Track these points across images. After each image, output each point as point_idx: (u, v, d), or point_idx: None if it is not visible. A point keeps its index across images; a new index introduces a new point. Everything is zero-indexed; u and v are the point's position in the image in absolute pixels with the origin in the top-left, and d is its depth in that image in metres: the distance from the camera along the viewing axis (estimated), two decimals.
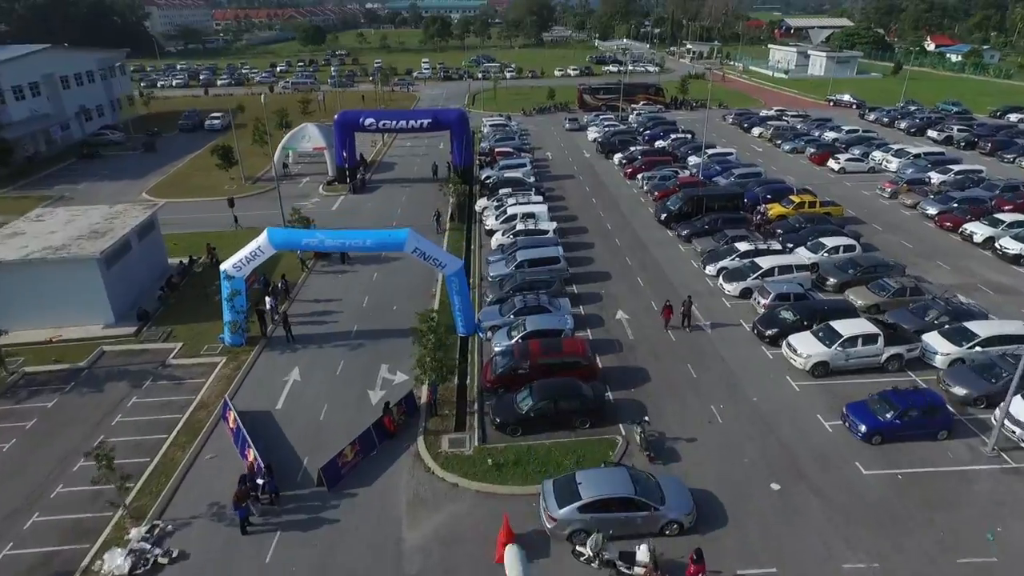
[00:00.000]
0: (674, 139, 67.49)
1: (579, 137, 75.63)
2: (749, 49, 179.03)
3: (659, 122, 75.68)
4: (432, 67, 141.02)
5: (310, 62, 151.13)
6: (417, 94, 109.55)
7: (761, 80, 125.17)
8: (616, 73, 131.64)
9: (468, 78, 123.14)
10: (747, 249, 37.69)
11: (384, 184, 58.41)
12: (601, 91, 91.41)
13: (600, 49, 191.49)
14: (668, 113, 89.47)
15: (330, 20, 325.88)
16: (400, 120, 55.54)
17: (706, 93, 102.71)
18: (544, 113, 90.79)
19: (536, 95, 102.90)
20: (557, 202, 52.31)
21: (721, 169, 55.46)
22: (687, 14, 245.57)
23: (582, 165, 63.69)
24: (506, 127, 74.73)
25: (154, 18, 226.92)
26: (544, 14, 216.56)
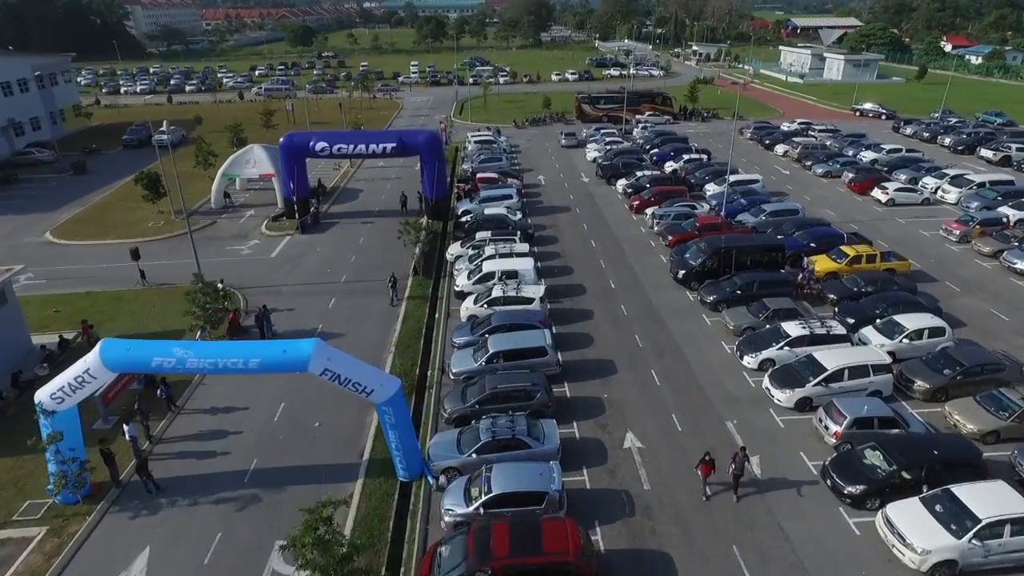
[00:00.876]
0: (687, 161, 57.20)
1: (577, 155, 65.38)
2: (757, 51, 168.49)
3: (668, 138, 65.41)
4: (421, 70, 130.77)
5: (292, 65, 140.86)
6: (400, 102, 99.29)
7: (774, 85, 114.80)
8: (618, 78, 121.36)
9: (458, 83, 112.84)
10: (799, 334, 27.56)
11: (342, 219, 48.25)
12: (602, 100, 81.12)
13: (600, 50, 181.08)
14: (677, 125, 79.29)
15: (324, 20, 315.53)
16: (358, 144, 45.33)
17: (717, 101, 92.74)
18: (538, 125, 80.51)
19: (531, 103, 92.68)
20: (548, 245, 42.19)
21: (747, 203, 45.29)
22: (690, 14, 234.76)
23: (580, 193, 53.46)
24: (493, 144, 64.56)
25: (138, 18, 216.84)
26: (543, 14, 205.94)
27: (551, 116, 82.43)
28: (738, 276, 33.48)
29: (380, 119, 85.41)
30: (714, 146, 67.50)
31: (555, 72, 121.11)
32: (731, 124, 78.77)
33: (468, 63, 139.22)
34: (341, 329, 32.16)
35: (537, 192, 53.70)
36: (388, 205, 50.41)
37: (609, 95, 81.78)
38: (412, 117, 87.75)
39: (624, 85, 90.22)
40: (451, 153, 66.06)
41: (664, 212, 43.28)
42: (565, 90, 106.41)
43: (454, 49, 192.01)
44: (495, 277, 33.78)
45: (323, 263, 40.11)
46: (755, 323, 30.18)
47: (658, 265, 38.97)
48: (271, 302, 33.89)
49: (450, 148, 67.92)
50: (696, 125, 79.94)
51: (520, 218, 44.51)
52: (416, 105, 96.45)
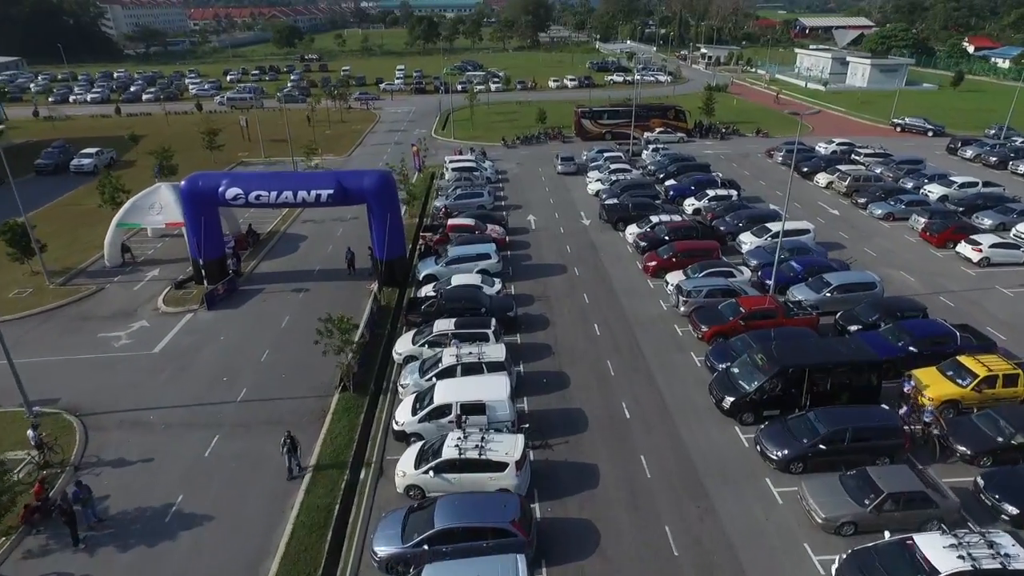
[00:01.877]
0: (712, 198, 45.35)
1: (576, 186, 53.53)
2: (768, 53, 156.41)
3: (685, 165, 53.53)
4: (406, 75, 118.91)
5: (269, 68, 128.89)
6: (378, 113, 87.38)
7: (794, 92, 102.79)
8: (622, 84, 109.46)
9: (444, 91, 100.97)
10: (957, 569, 15.84)
11: (269, 284, 36.53)
12: (605, 115, 69.16)
13: (602, 52, 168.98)
14: (692, 143, 67.50)
15: (317, 20, 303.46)
16: (283, 191, 33.44)
17: (735, 113, 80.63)
18: (531, 144, 68.65)
19: (524, 115, 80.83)
20: (535, 332, 30.49)
21: (801, 268, 33.59)
22: (694, 13, 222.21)
23: (579, 243, 41.58)
24: (475, 172, 52.82)
25: (118, 18, 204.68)
26: (541, 14, 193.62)
27: (546, 133, 70.56)
28: (819, 416, 21.72)
29: (350, 135, 73.61)
30: (740, 173, 55.69)
31: (552, 78, 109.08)
32: (756, 143, 67.25)
33: (459, 67, 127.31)
34: (208, 506, 20.54)
35: (526, 240, 41.89)
36: (333, 261, 38.64)
37: (613, 109, 69.84)
38: (388, 132, 75.93)
39: (630, 97, 78.45)
40: (424, 181, 54.42)
41: (693, 287, 31.44)
42: (564, 99, 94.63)
43: (446, 51, 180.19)
44: (451, 412, 22.22)
45: (222, 364, 28.41)
46: (860, 516, 18.53)
47: (690, 373, 27.19)
48: (131, 436, 22.53)
49: (424, 175, 56.26)
50: (714, 144, 68.05)
51: (498, 290, 32.83)
52: (395, 117, 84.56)
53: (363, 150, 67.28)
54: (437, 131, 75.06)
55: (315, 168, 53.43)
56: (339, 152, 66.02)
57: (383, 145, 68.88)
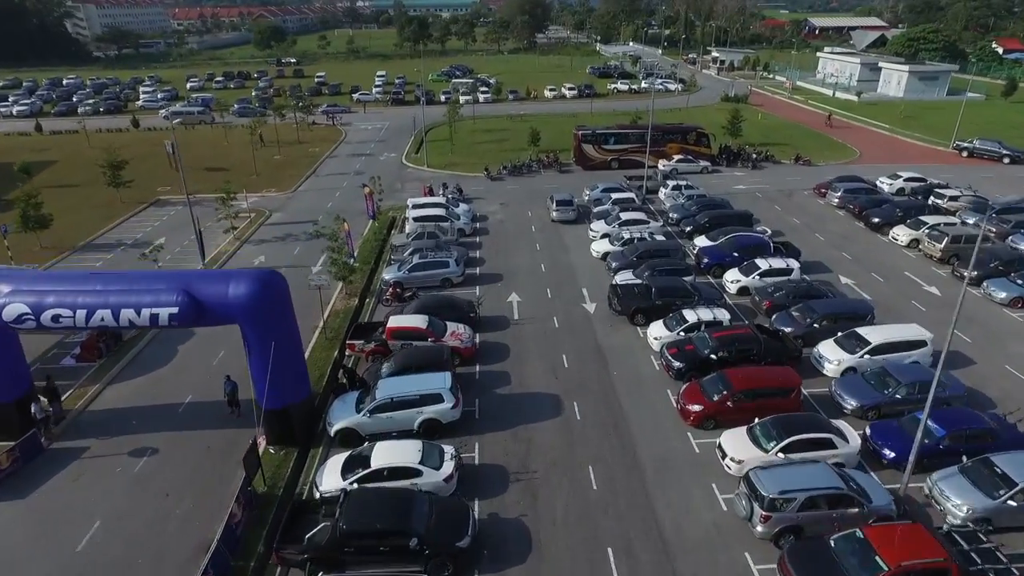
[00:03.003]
0: (765, 273, 31.93)
1: (575, 241, 40.19)
2: (785, 56, 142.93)
3: (720, 214, 39.90)
4: (387, 82, 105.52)
5: (237, 74, 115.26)
6: (344, 131, 73.90)
7: (821, 103, 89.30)
8: (627, 93, 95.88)
9: (425, 102, 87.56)
10: None
11: (104, 432, 23.25)
12: (611, 139, 55.64)
13: (603, 55, 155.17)
14: (720, 172, 54.21)
15: (308, 20, 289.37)
16: (96, 308, 20.21)
17: (763, 131, 66.85)
18: (521, 173, 55.26)
19: (515, 134, 67.43)
20: (510, 570, 17.32)
21: (943, 432, 20.30)
22: (699, 13, 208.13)
23: (581, 348, 28.11)
24: (443, 222, 39.57)
25: (91, 18, 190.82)
26: (538, 14, 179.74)
27: (539, 160, 57.10)
28: None
29: (304, 161, 60.23)
30: (787, 222, 42.43)
31: (549, 87, 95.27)
32: (797, 173, 53.08)
33: (446, 73, 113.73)
34: None
35: (504, 343, 28.61)
36: (211, 390, 25.25)
37: (621, 131, 56.24)
38: (351, 156, 62.45)
39: (640, 113, 65.02)
40: (379, 230, 41.23)
41: (777, 490, 17.90)
42: (561, 111, 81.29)
43: (442, 53, 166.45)
44: None
45: None
46: None
47: None
48: None
49: (380, 222, 43.04)
50: (745, 174, 54.63)
51: (447, 476, 19.48)
52: (364, 136, 71.08)
53: (314, 183, 53.94)
54: (409, 156, 61.67)
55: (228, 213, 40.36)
56: (284, 185, 52.72)
57: (340, 175, 55.52)
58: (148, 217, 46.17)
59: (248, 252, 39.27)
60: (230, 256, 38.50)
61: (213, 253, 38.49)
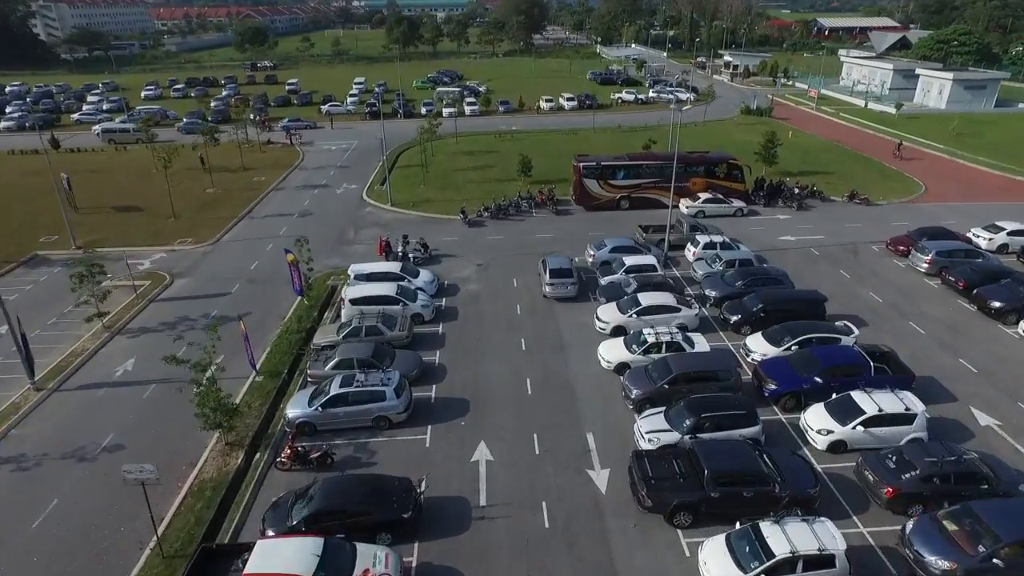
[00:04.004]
0: (874, 420, 20.05)
1: (575, 334, 28.09)
2: (798, 60, 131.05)
3: (775, 296, 27.94)
4: (366, 90, 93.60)
5: (203, 80, 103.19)
6: (303, 151, 61.79)
7: (853, 115, 77.31)
8: (634, 104, 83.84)
9: (403, 114, 75.49)
10: None
11: None
12: (620, 172, 43.53)
13: (605, 59, 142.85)
14: (757, 214, 42.31)
15: (299, 20, 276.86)
16: None
17: (799, 154, 54.22)
18: (506, 216, 43.25)
19: (502, 159, 55.51)
20: None
21: None
22: (703, 13, 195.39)
23: (594, 539, 16.66)
24: (394, 305, 27.82)
25: (64, 18, 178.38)
26: (535, 14, 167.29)
27: (530, 197, 45.04)
28: None
29: (243, 195, 48.22)
30: (864, 299, 30.58)
31: (545, 97, 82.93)
32: (856, 217, 39.76)
33: (432, 79, 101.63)
34: None
35: (457, 568, 16.90)
36: None
37: (632, 163, 44.06)
38: (301, 189, 50.43)
39: (653, 143, 53.13)
40: (309, 311, 29.38)
41: None
42: (559, 126, 69.47)
43: (432, 55, 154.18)
44: None
45: None
46: None
47: None
48: None
49: (314, 293, 31.20)
50: (790, 218, 42.66)
51: None
52: (323, 160, 58.98)
53: (245, 230, 41.98)
54: (373, 188, 49.75)
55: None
56: (205, 233, 40.76)
57: (280, 218, 43.62)
58: (13, 282, 34.40)
59: (113, 352, 27.37)
60: (82, 362, 26.62)
61: (59, 359, 26.66)
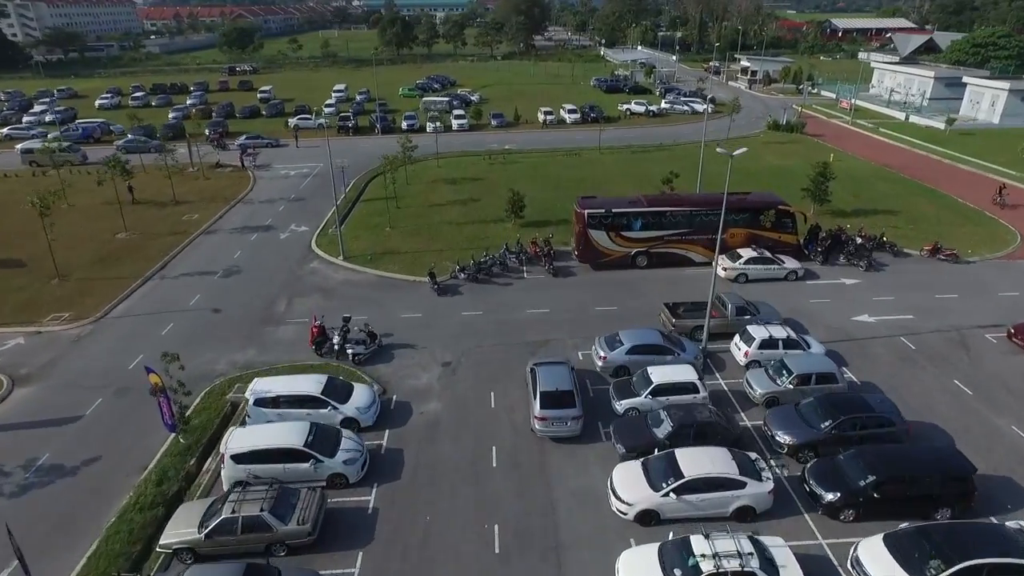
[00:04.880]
0: None
1: (574, 501, 18.15)
2: (817, 64, 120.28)
3: (891, 456, 17.75)
4: (346, 98, 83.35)
5: (171, 86, 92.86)
6: (253, 177, 51.41)
7: (895, 131, 66.75)
8: (644, 117, 73.35)
9: (381, 128, 65.14)
10: None
11: None
12: (636, 221, 33.02)
13: (610, 63, 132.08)
14: (816, 277, 31.84)
15: (293, 20, 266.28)
16: None
17: (850, 187, 43.10)
18: (488, 278, 32.87)
19: (491, 188, 45.11)
20: None
21: None
22: (711, 14, 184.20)
23: None
24: (303, 463, 17.67)
25: (43, 18, 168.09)
26: (536, 14, 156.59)
27: (520, 251, 34.59)
28: None
29: (151, 248, 37.32)
30: (996, 433, 20.10)
31: (543, 109, 72.28)
32: (945, 280, 27.99)
33: (421, 86, 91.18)
34: None
35: None
36: None
37: (651, 209, 33.45)
38: (238, 232, 39.84)
39: (675, 176, 42.53)
40: (182, 456, 19.06)
41: None
42: (560, 144, 59.12)
43: (427, 57, 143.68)
44: None
45: None
46: None
47: None
48: None
49: (197, 427, 20.90)
50: (859, 282, 32.17)
51: None
52: (275, 190, 48.43)
53: (148, 296, 31.54)
54: (327, 233, 39.36)
55: None
56: (93, 300, 30.41)
57: (198, 279, 33.26)
58: None
59: None
60: None
61: None
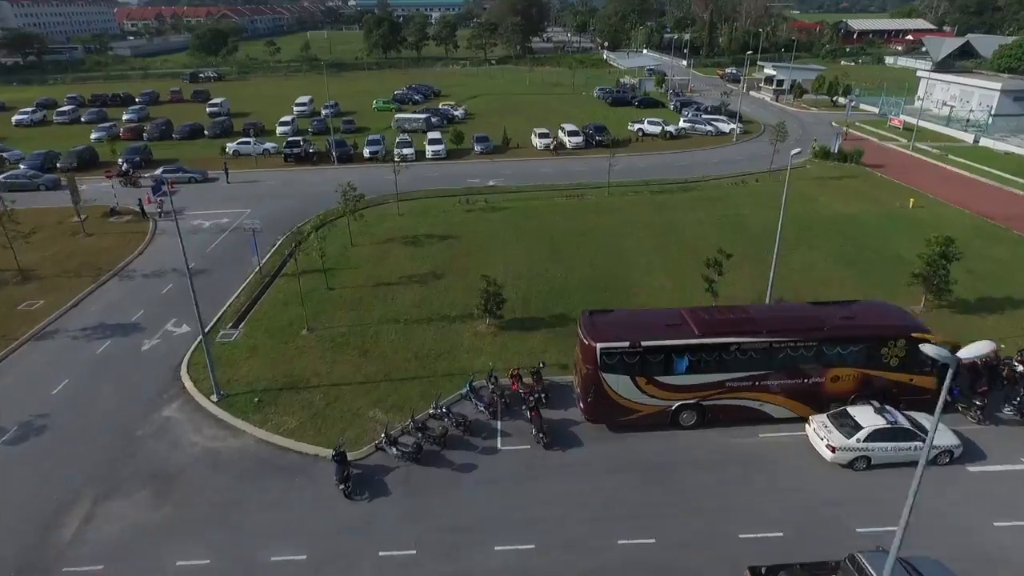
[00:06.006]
0: None
1: None
2: (841, 70, 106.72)
3: None
4: (310, 112, 70.35)
5: (112, 96, 79.79)
6: (159, 227, 38.47)
7: (966, 157, 53.62)
8: (660, 136, 60.26)
9: (335, 155, 52.08)
10: None
11: None
12: (680, 356, 19.78)
13: (614, 69, 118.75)
14: (979, 451, 18.85)
15: (283, 20, 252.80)
16: None
17: (962, 269, 30.14)
18: (435, 457, 19.76)
19: (463, 258, 31.93)
20: None
21: None
22: (719, 14, 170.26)
23: None
24: None
25: (6, 19, 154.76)
26: (534, 15, 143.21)
27: (493, 396, 21.58)
28: None
29: None
30: None
31: (539, 131, 58.86)
32: None
33: (398, 98, 78.06)
34: None
35: None
36: None
37: (704, 339, 19.19)
38: (81, 338, 27.04)
39: (723, 257, 29.18)
40: None
41: None
42: (559, 180, 45.78)
43: (415, 62, 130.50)
44: None
45: None
46: None
47: None
48: None
49: None
50: None
51: None
52: (173, 254, 34.81)
53: None
54: (215, 335, 26.38)
55: None
56: None
57: None
58: None
59: None
60: None
61: None
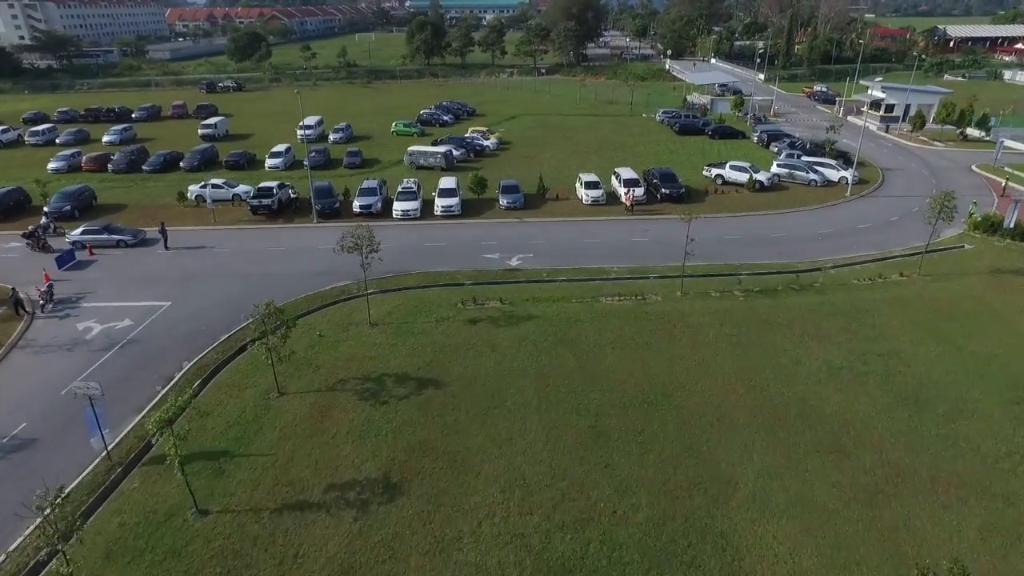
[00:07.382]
0: None
1: None
2: (937, 82, 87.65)
3: None
4: (318, 136, 58.06)
5: (107, 110, 69.85)
6: (25, 336, 26.60)
7: None
8: (749, 188, 45.06)
9: (318, 213, 39.41)
10: None
11: None
12: None
13: (678, 83, 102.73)
14: None
15: (333, 22, 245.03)
16: None
17: None
18: None
19: (443, 451, 18.23)
20: None
21: None
22: (796, 19, 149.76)
23: None
24: None
25: (52, 19, 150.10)
26: (590, 18, 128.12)
27: None
28: None
29: None
30: None
31: (585, 179, 43.66)
32: None
33: (424, 119, 65.30)
34: None
35: None
36: None
37: None
38: None
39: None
40: None
41: None
42: (605, 258, 30.85)
43: (460, 69, 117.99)
44: None
45: None
46: None
47: None
48: None
49: None
50: None
51: None
52: (19, 395, 23.46)
53: None
54: None
55: None
56: None
57: None
58: None
59: None
60: None
61: None
